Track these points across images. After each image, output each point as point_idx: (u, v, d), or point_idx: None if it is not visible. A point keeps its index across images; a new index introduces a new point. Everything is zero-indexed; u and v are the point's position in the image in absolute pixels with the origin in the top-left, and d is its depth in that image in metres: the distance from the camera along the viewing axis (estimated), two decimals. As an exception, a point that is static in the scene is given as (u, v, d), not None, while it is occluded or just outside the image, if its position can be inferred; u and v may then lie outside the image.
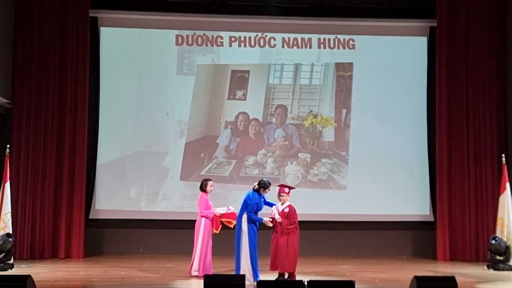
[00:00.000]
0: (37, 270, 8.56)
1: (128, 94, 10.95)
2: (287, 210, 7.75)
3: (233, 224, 8.24)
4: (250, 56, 11.16)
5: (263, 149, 11.00)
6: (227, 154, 10.95)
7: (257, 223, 7.87)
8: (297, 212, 7.80)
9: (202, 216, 8.37)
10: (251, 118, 11.03)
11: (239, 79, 11.13)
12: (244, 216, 7.86)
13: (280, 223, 7.67)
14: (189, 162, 10.87)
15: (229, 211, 8.36)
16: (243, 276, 6.48)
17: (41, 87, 10.27)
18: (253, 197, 7.89)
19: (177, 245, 10.32)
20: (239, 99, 11.10)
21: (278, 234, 7.70)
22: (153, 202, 10.77)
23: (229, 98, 11.06)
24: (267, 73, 11.11)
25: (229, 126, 10.99)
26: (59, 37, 10.38)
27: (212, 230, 8.38)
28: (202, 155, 10.92)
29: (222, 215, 8.35)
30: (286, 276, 7.71)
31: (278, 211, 7.78)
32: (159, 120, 10.97)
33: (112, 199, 10.72)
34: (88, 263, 9.62)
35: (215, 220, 8.35)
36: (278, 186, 8.00)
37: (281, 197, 7.85)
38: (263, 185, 7.90)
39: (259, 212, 7.95)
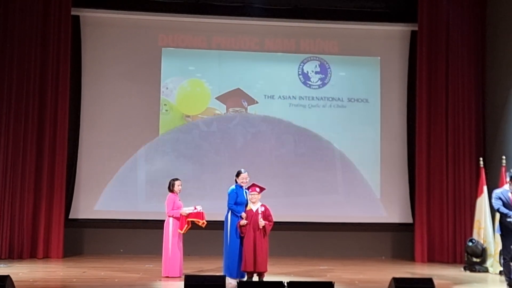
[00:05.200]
0: (16, 270, 8.48)
1: (110, 94, 10.88)
2: (263, 209, 7.77)
3: (202, 224, 8.25)
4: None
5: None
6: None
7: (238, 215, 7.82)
8: None
9: (169, 216, 8.34)
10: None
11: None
12: (230, 213, 7.91)
13: (264, 227, 7.68)
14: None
15: (195, 211, 8.27)
16: (224, 277, 6.48)
17: (21, 85, 10.13)
18: (234, 188, 7.96)
19: (157, 245, 10.19)
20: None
21: (256, 235, 7.66)
22: (135, 202, 10.71)
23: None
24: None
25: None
26: (40, 36, 10.25)
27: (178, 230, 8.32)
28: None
29: (189, 215, 8.26)
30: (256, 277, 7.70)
31: (251, 210, 7.76)
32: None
33: (93, 199, 10.66)
34: (67, 263, 9.56)
35: (181, 220, 8.29)
36: (250, 186, 7.92)
37: (251, 196, 7.82)
38: (236, 174, 8.00)
39: None
